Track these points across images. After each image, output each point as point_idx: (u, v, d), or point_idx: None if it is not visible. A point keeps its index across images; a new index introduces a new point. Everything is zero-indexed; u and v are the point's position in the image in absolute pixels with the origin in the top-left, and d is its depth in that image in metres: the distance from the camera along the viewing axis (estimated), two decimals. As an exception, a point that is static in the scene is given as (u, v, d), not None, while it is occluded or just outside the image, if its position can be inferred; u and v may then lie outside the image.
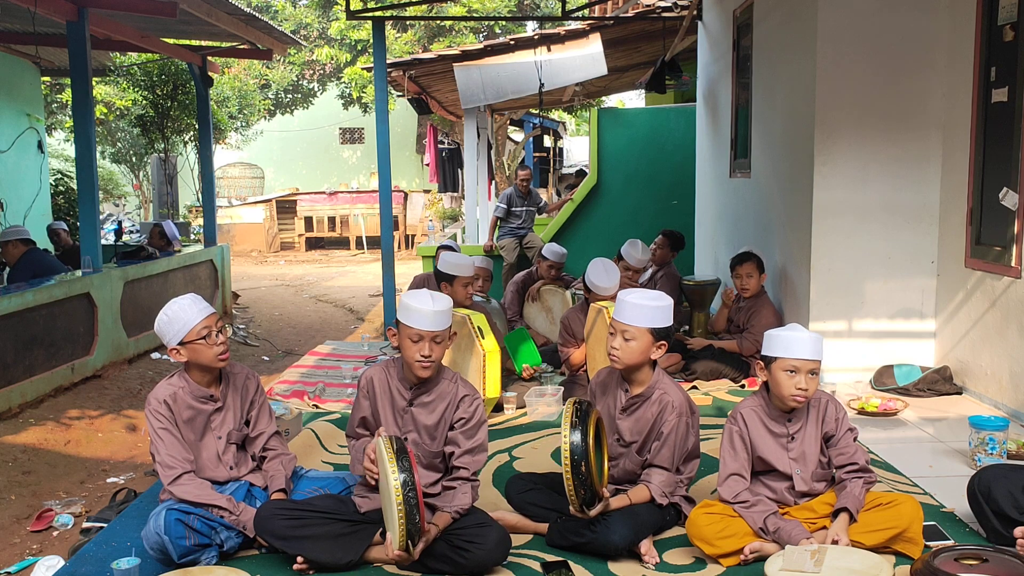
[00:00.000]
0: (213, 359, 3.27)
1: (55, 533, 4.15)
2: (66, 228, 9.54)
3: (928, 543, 3.11)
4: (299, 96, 22.41)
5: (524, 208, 9.90)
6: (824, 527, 3.08)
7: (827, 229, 5.55)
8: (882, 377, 5.44)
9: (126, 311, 7.52)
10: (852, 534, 3.02)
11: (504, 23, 19.51)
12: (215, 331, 3.27)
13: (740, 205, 7.37)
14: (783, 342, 3.07)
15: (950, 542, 3.12)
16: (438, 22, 18.66)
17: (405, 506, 2.82)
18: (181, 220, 14.88)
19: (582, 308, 5.66)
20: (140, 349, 7.77)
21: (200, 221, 14.73)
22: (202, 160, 10.72)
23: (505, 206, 9.90)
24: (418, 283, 7.23)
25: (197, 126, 11.19)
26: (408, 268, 12.83)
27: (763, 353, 3.14)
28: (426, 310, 3.12)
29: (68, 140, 18.02)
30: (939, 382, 5.28)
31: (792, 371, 3.04)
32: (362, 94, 19.55)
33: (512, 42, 10.40)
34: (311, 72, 21.59)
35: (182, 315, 3.25)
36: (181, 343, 3.25)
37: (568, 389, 5.32)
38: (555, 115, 21.02)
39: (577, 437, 2.99)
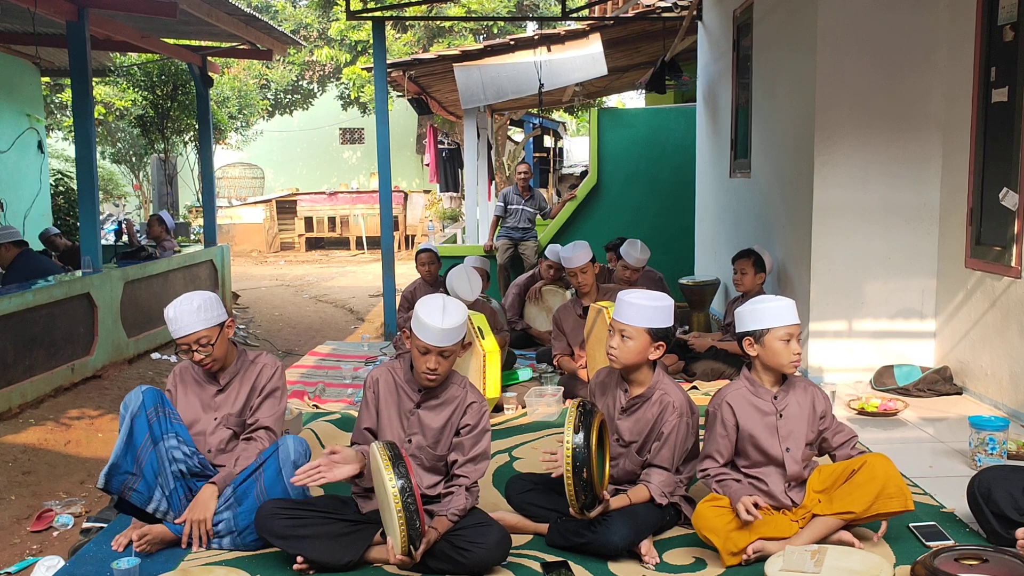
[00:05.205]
0: (197, 361, 3.43)
1: (55, 533, 4.15)
2: (57, 232, 9.51)
3: (928, 543, 3.12)
4: (299, 96, 22.41)
5: (521, 207, 9.70)
6: (817, 514, 3.11)
7: (827, 229, 5.55)
8: (882, 377, 5.44)
9: (126, 311, 7.52)
10: (840, 508, 3.06)
11: (504, 23, 19.50)
12: (193, 348, 3.36)
13: (740, 205, 7.37)
14: (773, 313, 3.13)
15: (950, 542, 3.13)
16: (438, 23, 18.66)
17: (405, 513, 2.81)
18: (181, 220, 14.88)
19: (574, 304, 5.66)
20: (140, 349, 7.77)
21: (200, 221, 14.72)
22: (202, 160, 10.72)
23: (502, 204, 9.80)
24: (406, 296, 7.18)
25: (197, 126, 11.18)
26: (408, 268, 12.77)
27: (750, 328, 3.15)
28: (434, 325, 3.06)
29: (68, 140, 18.01)
30: (939, 382, 5.28)
31: (787, 339, 3.11)
32: (361, 94, 19.54)
33: (512, 42, 10.39)
34: (311, 72, 21.59)
35: (176, 322, 3.36)
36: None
37: (568, 389, 5.32)
38: (555, 115, 21.00)
39: (580, 440, 2.95)
